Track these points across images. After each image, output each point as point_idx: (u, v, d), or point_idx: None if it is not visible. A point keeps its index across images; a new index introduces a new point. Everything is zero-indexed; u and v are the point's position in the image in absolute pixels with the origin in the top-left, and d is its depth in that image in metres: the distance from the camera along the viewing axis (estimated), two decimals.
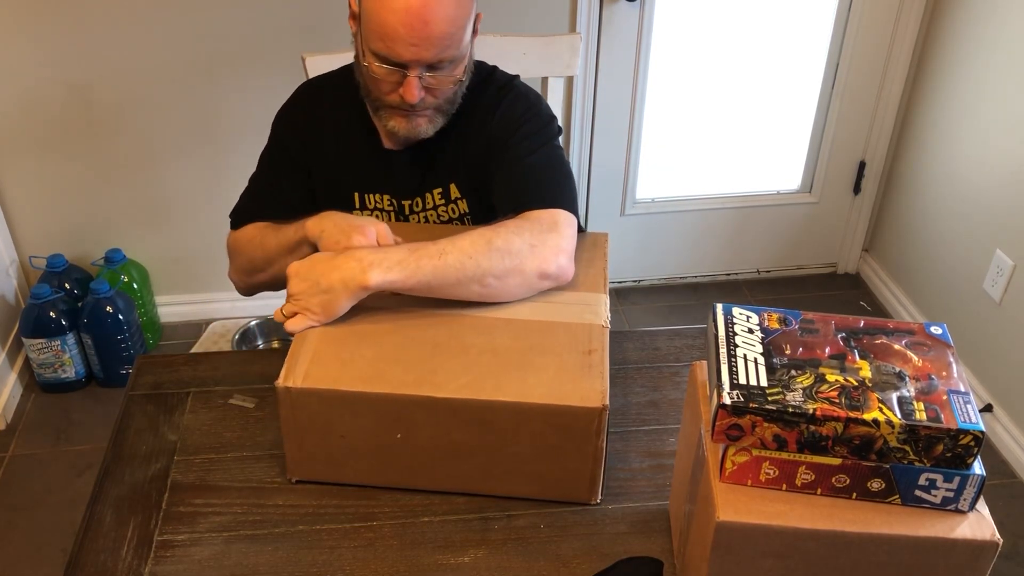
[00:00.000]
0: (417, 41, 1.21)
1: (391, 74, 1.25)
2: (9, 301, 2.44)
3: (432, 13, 1.20)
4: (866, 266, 2.95)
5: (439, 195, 1.41)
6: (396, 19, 1.20)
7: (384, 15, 1.21)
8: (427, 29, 1.20)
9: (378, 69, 1.25)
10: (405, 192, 1.42)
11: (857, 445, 0.83)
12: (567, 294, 1.22)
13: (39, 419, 2.35)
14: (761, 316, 0.95)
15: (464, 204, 1.42)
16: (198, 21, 2.27)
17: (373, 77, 1.27)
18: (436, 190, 1.41)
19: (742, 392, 0.85)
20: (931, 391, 0.85)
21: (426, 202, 1.42)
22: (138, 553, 1.06)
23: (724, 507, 0.86)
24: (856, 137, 2.75)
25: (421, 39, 1.21)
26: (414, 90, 1.24)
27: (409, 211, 1.43)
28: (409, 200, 1.42)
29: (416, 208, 1.42)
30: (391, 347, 1.11)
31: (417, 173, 1.41)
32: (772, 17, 2.57)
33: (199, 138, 2.43)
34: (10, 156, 2.37)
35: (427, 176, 1.41)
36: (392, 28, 1.20)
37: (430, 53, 1.23)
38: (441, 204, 1.42)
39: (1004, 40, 2.24)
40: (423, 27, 1.20)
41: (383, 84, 1.27)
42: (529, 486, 1.11)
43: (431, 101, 1.29)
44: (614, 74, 2.55)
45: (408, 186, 1.41)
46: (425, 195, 1.42)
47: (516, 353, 1.10)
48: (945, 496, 0.85)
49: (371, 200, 1.43)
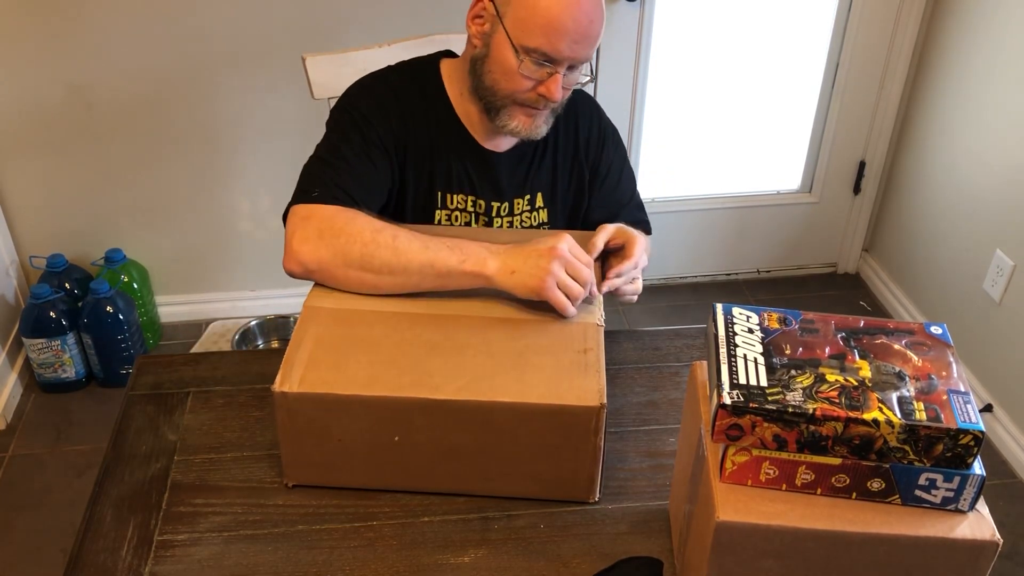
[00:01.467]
0: (580, 38, 1.23)
1: (538, 71, 1.26)
2: (9, 301, 2.44)
3: (595, 11, 1.24)
4: (866, 266, 2.95)
5: (527, 201, 1.43)
6: (565, 14, 1.22)
7: (553, 10, 1.22)
8: (591, 28, 1.24)
9: (530, 65, 1.25)
10: (497, 194, 1.41)
11: (857, 445, 0.83)
12: None
13: (39, 419, 2.35)
14: (761, 316, 0.95)
15: (544, 214, 1.45)
16: (198, 21, 2.27)
17: (519, 75, 1.26)
18: (526, 196, 1.43)
19: (742, 392, 0.85)
20: (931, 391, 0.85)
21: (514, 207, 1.43)
22: (138, 553, 1.06)
23: (724, 507, 0.86)
24: (856, 137, 2.75)
25: (583, 37, 1.24)
26: (559, 88, 1.27)
27: (496, 214, 1.42)
28: (498, 203, 1.42)
29: (503, 212, 1.42)
30: (387, 350, 1.11)
31: (514, 177, 1.42)
32: (772, 17, 2.57)
33: (199, 138, 2.43)
34: (10, 156, 2.37)
35: (522, 182, 1.42)
36: (561, 23, 1.22)
37: (586, 52, 1.26)
38: (526, 210, 1.43)
39: (1004, 40, 2.24)
40: (588, 24, 1.23)
41: (525, 82, 1.27)
42: (528, 486, 1.11)
43: (559, 101, 1.31)
44: (614, 74, 2.55)
45: (501, 189, 1.41)
46: (515, 200, 1.43)
47: (512, 353, 1.10)
48: (945, 496, 0.85)
49: (453, 200, 1.41)
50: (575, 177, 1.46)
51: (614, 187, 1.49)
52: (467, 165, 1.40)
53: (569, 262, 1.16)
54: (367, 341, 1.12)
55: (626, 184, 1.51)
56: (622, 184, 1.50)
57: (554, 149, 1.44)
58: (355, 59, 1.59)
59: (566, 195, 1.47)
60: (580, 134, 1.45)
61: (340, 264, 1.18)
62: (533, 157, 1.43)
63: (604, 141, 1.48)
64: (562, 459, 1.08)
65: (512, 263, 1.17)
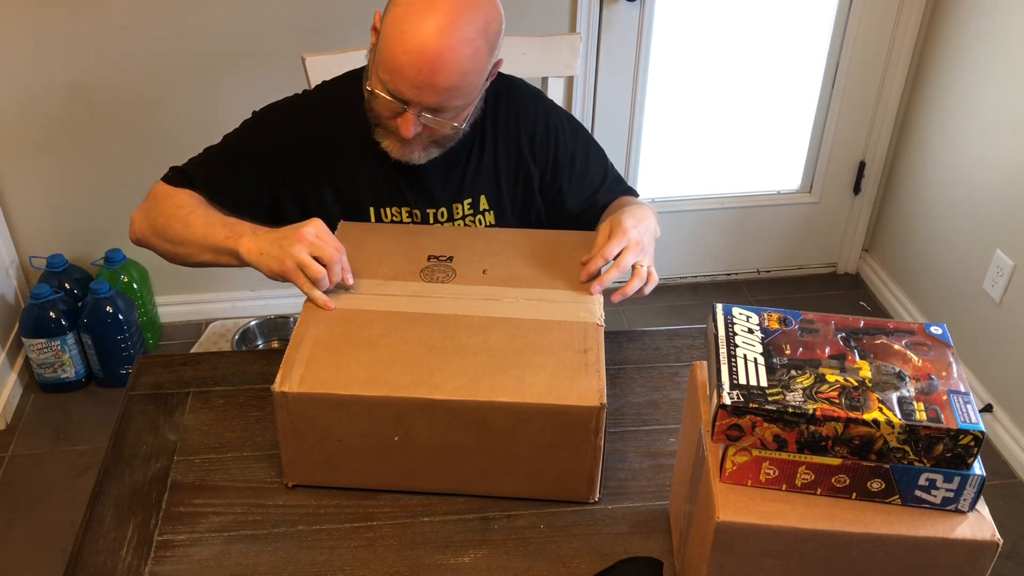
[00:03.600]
0: (421, 85, 1.20)
1: (391, 104, 1.24)
2: (9, 301, 2.44)
3: (444, 63, 1.19)
4: (866, 266, 2.95)
5: (468, 206, 1.41)
6: (407, 60, 1.19)
7: (397, 50, 1.19)
8: (435, 78, 1.19)
9: (381, 97, 1.24)
10: (432, 202, 1.40)
11: (857, 445, 0.83)
12: (561, 292, 1.22)
13: (39, 419, 2.35)
14: (761, 316, 0.95)
15: (491, 216, 1.43)
16: (199, 21, 2.27)
17: (373, 98, 1.26)
18: (467, 200, 1.41)
19: (742, 392, 0.85)
20: (931, 391, 0.85)
21: (453, 212, 1.41)
22: (138, 553, 1.06)
23: (724, 507, 0.86)
24: (856, 137, 2.75)
25: (425, 84, 1.20)
26: (410, 127, 1.24)
27: (434, 220, 1.41)
28: (434, 210, 1.41)
29: (441, 218, 1.41)
30: (387, 349, 1.11)
31: (447, 183, 1.40)
32: (772, 17, 2.57)
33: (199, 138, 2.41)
34: (10, 156, 2.37)
35: (459, 186, 1.40)
36: (401, 66, 1.19)
37: (432, 100, 1.22)
38: (469, 214, 1.42)
39: (1004, 40, 2.24)
40: (431, 75, 1.19)
41: (382, 108, 1.27)
42: (527, 486, 1.11)
43: (427, 136, 1.29)
44: (614, 74, 2.55)
45: (436, 196, 1.40)
46: (453, 206, 1.41)
47: (512, 352, 1.10)
48: (945, 496, 0.85)
49: (387, 214, 1.40)
50: (521, 177, 1.43)
51: (583, 172, 1.45)
52: (394, 177, 1.38)
53: (313, 244, 1.16)
54: (367, 341, 1.12)
55: (595, 166, 1.47)
56: (591, 167, 1.46)
57: (493, 150, 1.41)
58: (355, 59, 1.59)
59: (513, 195, 1.44)
60: (523, 133, 1.42)
61: (150, 233, 1.35)
62: (468, 160, 1.40)
63: (555, 134, 1.43)
64: (562, 459, 1.08)
65: (261, 245, 1.20)
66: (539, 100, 1.46)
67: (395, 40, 1.20)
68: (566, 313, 1.18)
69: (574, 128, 1.47)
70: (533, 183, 1.44)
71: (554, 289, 1.22)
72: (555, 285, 1.23)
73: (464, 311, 1.17)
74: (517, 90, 1.43)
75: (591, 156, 1.48)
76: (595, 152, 1.49)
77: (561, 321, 1.16)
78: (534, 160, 1.43)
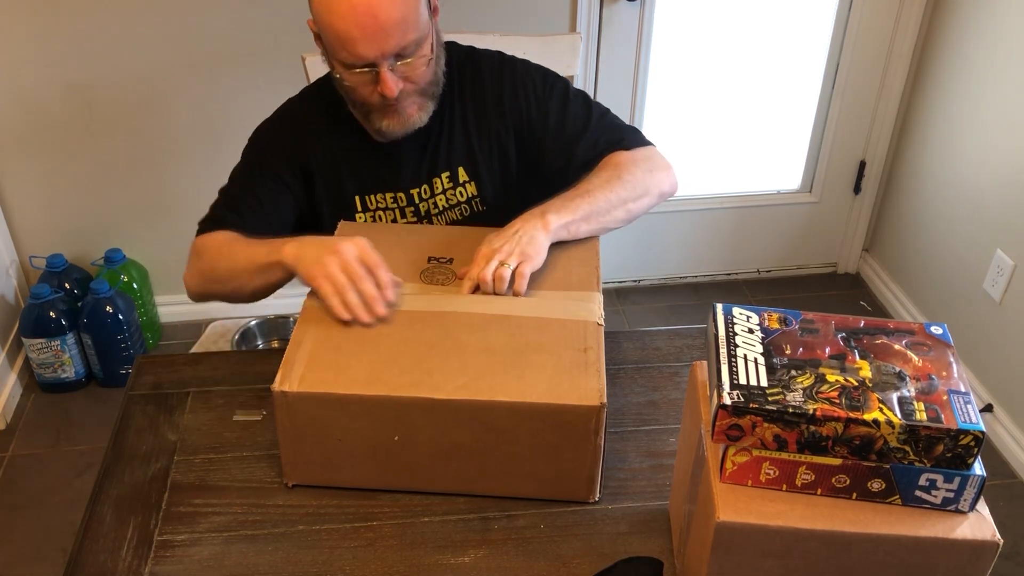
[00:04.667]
0: (372, 35, 1.22)
1: (363, 76, 1.26)
2: (9, 301, 2.44)
3: (378, 6, 1.21)
4: (866, 266, 2.95)
5: (447, 179, 1.43)
6: (346, 24, 1.22)
7: (335, 23, 1.23)
8: (377, 22, 1.22)
9: (350, 76, 1.27)
10: (412, 182, 1.42)
11: (857, 445, 0.83)
12: (560, 292, 1.22)
13: (39, 419, 2.35)
14: (761, 316, 0.95)
15: (472, 187, 1.44)
16: (198, 21, 2.27)
17: (349, 86, 1.29)
18: (444, 174, 1.43)
19: (742, 392, 0.85)
20: (931, 391, 0.85)
21: (434, 187, 1.43)
22: (138, 553, 1.06)
23: (724, 507, 0.86)
24: (856, 137, 2.75)
25: (375, 33, 1.22)
26: (390, 84, 1.26)
27: (419, 199, 1.43)
28: (417, 189, 1.43)
29: (425, 195, 1.43)
30: (386, 349, 1.10)
31: (423, 160, 1.42)
32: (772, 17, 2.57)
33: (199, 138, 2.43)
34: (10, 156, 2.37)
35: (434, 162, 1.42)
36: (346, 32, 1.22)
37: (390, 44, 1.24)
38: (449, 188, 1.43)
39: (1004, 40, 2.24)
40: (373, 20, 1.21)
41: (361, 89, 1.29)
42: (528, 485, 1.11)
43: (412, 88, 1.30)
44: (614, 74, 2.55)
45: (415, 175, 1.42)
46: (433, 181, 1.43)
47: (512, 352, 1.10)
48: (945, 496, 0.85)
49: (372, 201, 1.43)
50: (494, 143, 1.43)
51: (560, 123, 1.42)
52: (374, 164, 1.42)
53: (347, 263, 1.14)
54: (366, 340, 1.12)
55: (574, 114, 1.43)
56: (569, 116, 1.42)
57: (463, 121, 1.42)
58: None
59: (489, 163, 1.44)
60: (488, 97, 1.42)
61: (203, 283, 1.36)
62: (440, 134, 1.41)
63: (523, 90, 1.42)
64: (562, 459, 1.08)
65: (303, 250, 1.19)
66: (503, 62, 1.45)
67: (328, 17, 1.23)
68: (566, 312, 1.17)
69: (548, 81, 1.45)
70: (508, 147, 1.44)
71: (553, 289, 1.22)
72: (554, 285, 1.23)
73: (464, 308, 1.17)
74: (480, 58, 1.45)
75: (569, 105, 1.43)
76: (576, 102, 1.44)
77: (561, 320, 1.16)
78: (504, 122, 1.43)
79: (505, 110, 1.42)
